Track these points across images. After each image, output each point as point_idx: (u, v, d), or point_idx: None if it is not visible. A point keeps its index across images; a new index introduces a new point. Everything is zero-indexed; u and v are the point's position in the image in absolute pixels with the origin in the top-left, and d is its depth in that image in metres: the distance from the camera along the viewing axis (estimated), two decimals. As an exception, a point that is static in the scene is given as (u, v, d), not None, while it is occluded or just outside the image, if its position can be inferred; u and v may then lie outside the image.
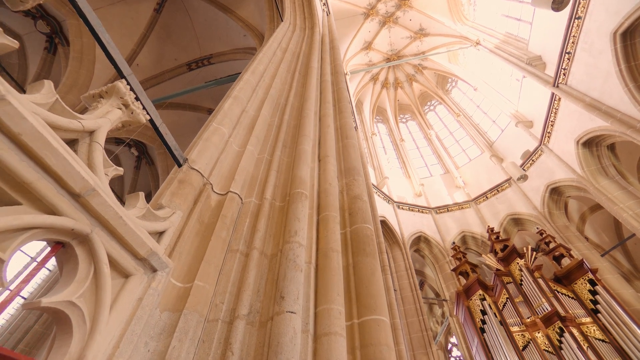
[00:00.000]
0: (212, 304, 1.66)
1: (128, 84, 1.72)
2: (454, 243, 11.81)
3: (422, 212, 15.77)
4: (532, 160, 12.10)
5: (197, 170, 2.16)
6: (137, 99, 1.75)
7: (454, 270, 10.80)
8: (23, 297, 11.05)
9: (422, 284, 18.38)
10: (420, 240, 14.73)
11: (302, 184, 2.42)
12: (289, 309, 1.55)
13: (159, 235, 1.64)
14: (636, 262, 11.86)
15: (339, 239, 2.25)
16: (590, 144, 9.59)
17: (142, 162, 15.05)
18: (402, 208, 15.61)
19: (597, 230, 12.33)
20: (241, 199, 2.34)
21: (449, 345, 18.80)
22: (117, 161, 14.21)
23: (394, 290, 13.18)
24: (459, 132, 17.46)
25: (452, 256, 11.23)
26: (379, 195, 15.37)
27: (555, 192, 11.41)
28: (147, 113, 1.85)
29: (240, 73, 4.14)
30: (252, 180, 2.57)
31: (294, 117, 3.70)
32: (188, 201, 1.97)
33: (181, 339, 1.40)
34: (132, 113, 1.61)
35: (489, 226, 11.37)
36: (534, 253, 9.77)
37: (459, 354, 16.76)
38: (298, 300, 1.61)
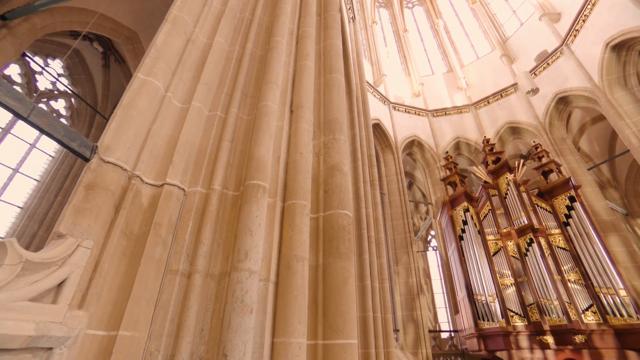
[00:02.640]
0: (146, 351, 1.39)
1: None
2: (447, 152, 11.65)
3: (419, 114, 15.17)
4: (547, 64, 10.81)
5: (113, 164, 1.59)
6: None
7: (443, 180, 10.96)
8: None
9: (410, 185, 19.20)
10: (413, 144, 14.57)
11: (261, 170, 1.88)
12: (233, 373, 1.29)
13: (57, 287, 1.24)
14: (616, 172, 12.09)
15: (306, 239, 1.88)
16: (621, 47, 8.33)
17: (111, 59, 13.21)
18: (398, 109, 14.93)
19: (592, 140, 12.08)
20: (183, 190, 1.85)
21: (429, 237, 21.10)
22: (81, 60, 12.38)
23: (383, 193, 13.72)
24: (471, 24, 15.15)
25: (443, 165, 11.24)
26: (374, 96, 14.49)
27: (562, 102, 10.62)
28: None
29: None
30: (198, 156, 2.01)
31: (262, 42, 2.80)
32: (104, 215, 1.49)
33: (101, 418, 1.17)
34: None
35: (485, 136, 10.99)
36: (524, 165, 9.73)
37: (436, 244, 18.87)
38: (245, 356, 1.35)
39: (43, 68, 8.68)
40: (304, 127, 2.34)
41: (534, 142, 9.97)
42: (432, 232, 20.40)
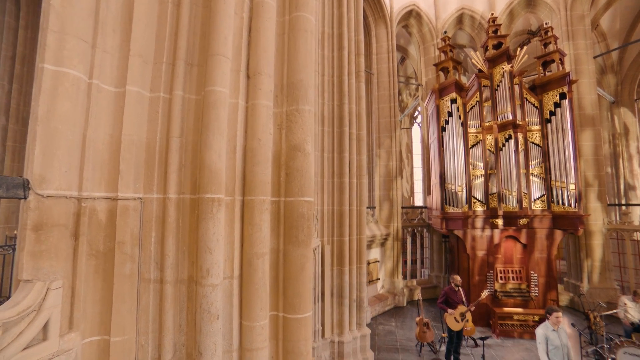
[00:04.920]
0: (138, 344, 1.76)
1: None
2: (445, 32, 10.36)
3: (424, -27, 12.74)
4: None
5: (55, 196, 1.54)
6: None
7: (436, 65, 10.23)
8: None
9: (403, 60, 17.81)
10: (410, 16, 12.82)
11: (214, 180, 1.82)
12: (207, 365, 1.69)
13: (43, 327, 1.46)
14: (625, 56, 11.28)
15: (266, 235, 2.03)
16: None
17: None
18: (400, -33, 12.45)
19: (616, 16, 10.67)
20: (140, 198, 1.84)
21: (416, 113, 21.16)
22: None
23: (371, 73, 13.07)
24: None
25: (439, 48, 10.24)
26: (373, -53, 11.78)
27: (599, -35, 8.81)
28: None
29: None
30: (148, 156, 1.89)
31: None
32: (63, 251, 1.56)
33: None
34: None
35: (492, 14, 9.56)
36: (525, 47, 8.95)
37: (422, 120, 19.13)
38: (216, 353, 1.73)
39: None
40: (262, 104, 2.10)
41: (545, 23, 8.80)
42: (419, 109, 20.38)
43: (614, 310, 6.48)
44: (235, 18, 2.10)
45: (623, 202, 11.68)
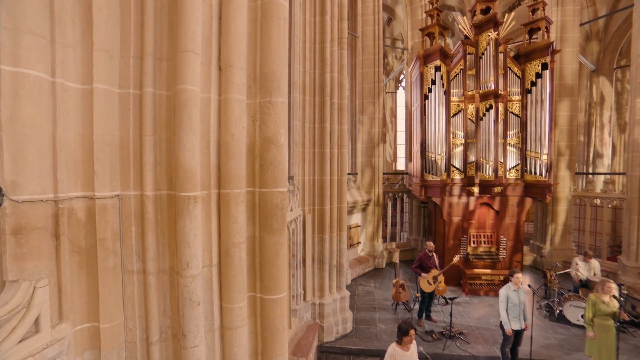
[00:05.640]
0: (126, 328, 1.93)
1: None
2: (434, -6, 9.89)
3: None
4: None
5: (30, 201, 1.58)
6: None
7: (422, 30, 9.93)
8: None
9: (389, 21, 17.07)
10: (400, -29, 12.11)
11: (188, 179, 1.88)
12: (192, 345, 1.89)
13: (34, 322, 1.58)
14: (611, 22, 11.18)
15: (242, 226, 2.15)
16: None
17: None
18: None
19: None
20: (117, 196, 1.90)
21: (401, 76, 20.77)
22: None
23: (356, 36, 12.64)
24: None
25: (426, 12, 9.88)
26: None
27: None
28: None
29: None
30: (122, 153, 1.91)
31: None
32: (45, 251, 1.64)
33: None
34: None
35: (483, -26, 9.12)
36: (512, 20, 8.74)
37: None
38: (199, 334, 1.91)
39: None
40: (235, 98, 2.10)
41: (535, -12, 8.53)
42: (405, 72, 19.98)
43: (567, 270, 7.19)
44: (203, 5, 2.01)
45: (591, 169, 12.32)
